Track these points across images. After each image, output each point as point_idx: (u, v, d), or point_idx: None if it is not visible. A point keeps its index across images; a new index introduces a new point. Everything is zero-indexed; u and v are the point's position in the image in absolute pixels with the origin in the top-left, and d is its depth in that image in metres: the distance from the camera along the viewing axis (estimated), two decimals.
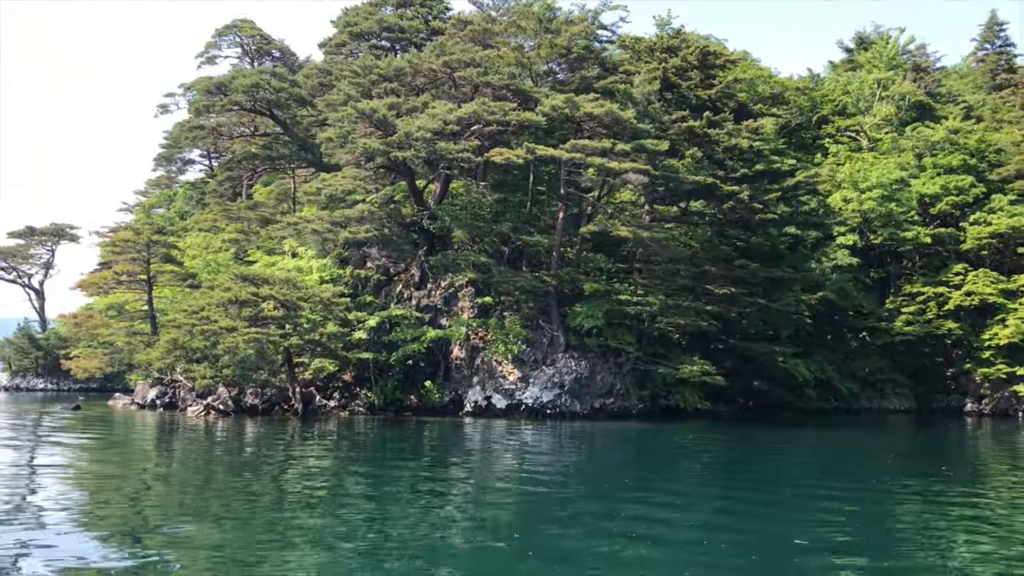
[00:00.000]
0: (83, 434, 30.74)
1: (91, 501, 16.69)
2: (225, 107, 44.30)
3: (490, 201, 42.34)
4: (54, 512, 15.12)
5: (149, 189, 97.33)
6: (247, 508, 15.66)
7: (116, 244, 43.53)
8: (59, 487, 18.23)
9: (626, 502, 16.46)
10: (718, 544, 13.40)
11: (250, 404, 39.76)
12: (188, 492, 17.86)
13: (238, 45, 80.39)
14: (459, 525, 14.47)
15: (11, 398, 63.05)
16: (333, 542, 12.99)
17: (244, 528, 13.89)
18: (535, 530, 14.08)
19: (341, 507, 16.00)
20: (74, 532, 13.80)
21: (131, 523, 14.15)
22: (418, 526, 14.17)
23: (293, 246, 43.39)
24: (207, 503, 16.33)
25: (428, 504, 16.34)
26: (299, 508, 16.14)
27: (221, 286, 33.06)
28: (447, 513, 15.47)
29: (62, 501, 16.36)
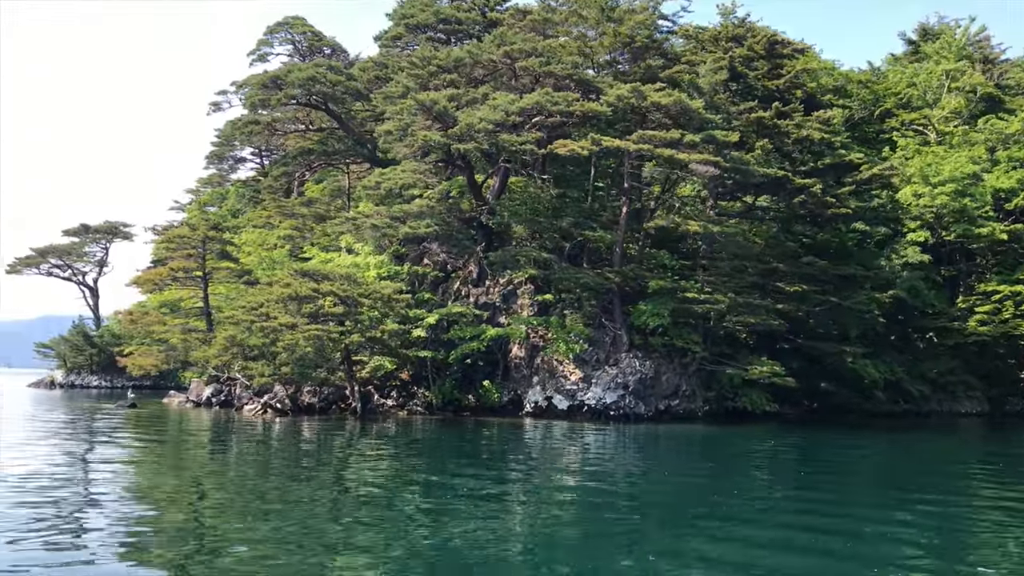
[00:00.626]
0: (140, 432, 30.15)
1: (148, 503, 15.82)
2: (281, 101, 43.66)
3: (549, 196, 41.13)
4: (112, 516, 14.25)
5: (201, 187, 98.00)
6: (302, 512, 14.74)
7: (172, 240, 43.12)
8: (116, 488, 17.43)
9: (706, 519, 15.03)
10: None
11: (307, 403, 39.02)
12: (246, 493, 16.97)
13: (289, 42, 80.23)
14: (519, 537, 13.34)
15: (66, 395, 63.38)
16: (386, 550, 12.04)
17: (297, 533, 12.98)
18: (600, 547, 12.86)
19: (397, 513, 15.04)
20: (129, 531, 13.00)
21: (185, 530, 13.30)
22: (477, 534, 13.16)
23: (349, 242, 42.61)
24: (265, 504, 15.44)
25: (488, 512, 15.23)
26: (355, 512, 15.25)
27: (280, 282, 32.28)
28: (507, 523, 14.33)
29: (118, 504, 15.52)
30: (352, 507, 15.69)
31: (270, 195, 53.05)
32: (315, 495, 16.70)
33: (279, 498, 16.06)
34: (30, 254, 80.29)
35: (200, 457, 23.29)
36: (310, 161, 47.31)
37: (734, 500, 17.25)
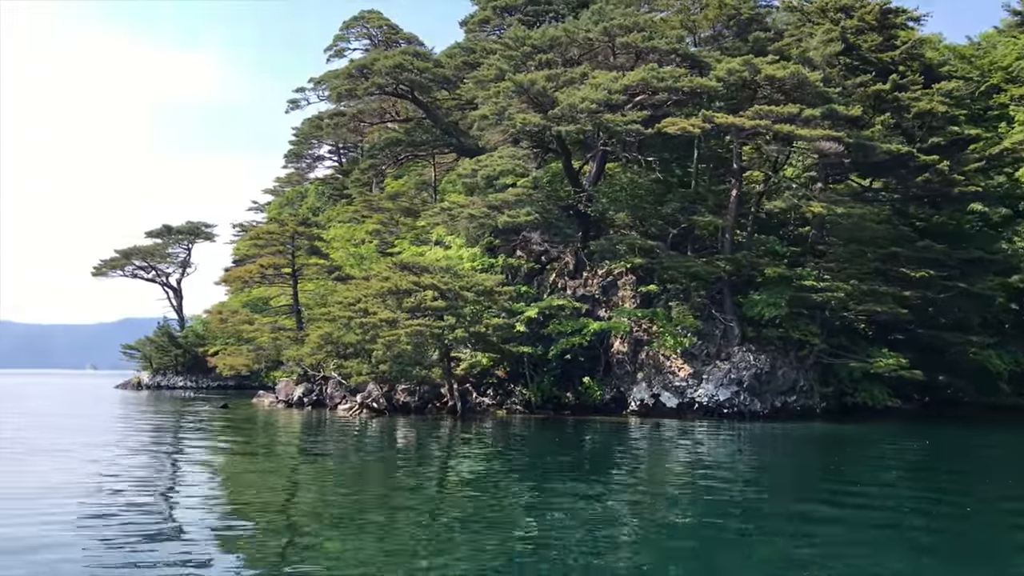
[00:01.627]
0: (238, 434, 28.88)
1: (253, 507, 14.36)
2: (367, 91, 42.23)
3: (650, 181, 38.80)
4: (219, 523, 12.71)
5: (279, 187, 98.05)
6: (406, 517, 13.35)
7: (260, 237, 42.06)
8: (219, 492, 15.94)
9: (859, 546, 12.61)
10: None
11: (402, 402, 37.48)
12: (353, 495, 15.48)
13: (366, 36, 79.21)
14: (628, 547, 11.74)
15: (153, 396, 63.32)
16: (487, 559, 10.94)
17: (400, 538, 12.10)
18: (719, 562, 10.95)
19: (499, 518, 13.61)
20: (230, 537, 11.52)
21: (278, 531, 12.08)
22: (584, 543, 11.68)
23: (441, 235, 40.98)
24: (369, 510, 14.08)
25: (596, 518, 13.55)
26: (457, 515, 13.90)
27: (378, 276, 30.69)
28: (616, 531, 12.65)
29: (221, 510, 14.03)
30: (454, 510, 14.48)
31: (357, 189, 51.76)
32: (417, 496, 15.72)
33: (383, 503, 14.69)
34: (114, 256, 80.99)
35: (302, 459, 21.79)
36: (396, 153, 45.82)
37: (928, 518, 14.81)
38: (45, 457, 20.93)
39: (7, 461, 20.14)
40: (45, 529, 12.14)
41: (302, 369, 44.54)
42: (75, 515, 13.05)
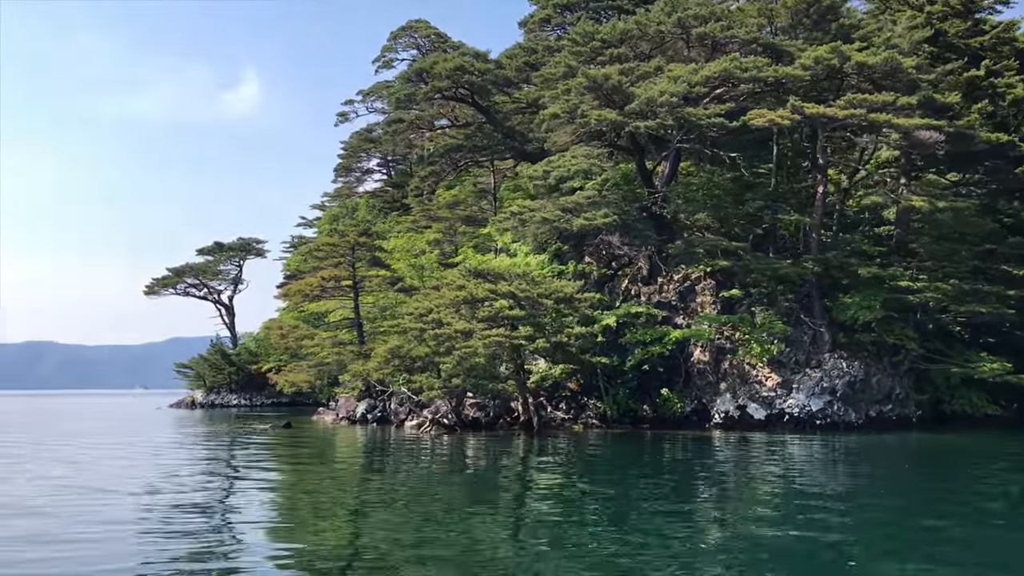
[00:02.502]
0: (306, 454, 27.34)
1: (328, 532, 12.81)
2: (427, 96, 40.73)
3: (727, 179, 36.73)
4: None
5: (327, 202, 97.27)
6: (487, 538, 11.91)
7: (320, 249, 40.68)
8: (292, 515, 14.31)
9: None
10: None
11: (471, 417, 35.73)
12: (436, 520, 13.82)
13: (414, 46, 78.21)
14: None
15: (207, 415, 62.32)
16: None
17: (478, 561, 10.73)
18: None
19: (575, 546, 12.10)
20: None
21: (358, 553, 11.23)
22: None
23: (506, 242, 39.26)
24: (447, 529, 12.55)
25: (681, 551, 11.62)
26: (539, 540, 12.52)
27: (451, 284, 29.01)
28: (710, 560, 10.76)
29: (293, 534, 12.41)
30: (536, 534, 13.00)
31: (415, 198, 50.31)
32: (500, 519, 14.25)
33: (463, 530, 12.90)
34: (166, 275, 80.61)
35: (375, 478, 20.10)
36: (456, 159, 44.28)
37: None
38: (126, 482, 19.47)
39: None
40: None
41: (364, 385, 43.07)
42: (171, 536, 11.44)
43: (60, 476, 20.55)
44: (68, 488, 17.99)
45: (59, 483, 19.02)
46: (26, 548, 11.83)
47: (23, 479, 20.00)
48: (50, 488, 18.06)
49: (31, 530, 13.09)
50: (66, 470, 22.06)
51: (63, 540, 12.37)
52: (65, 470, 22.06)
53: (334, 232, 40.40)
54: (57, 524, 13.70)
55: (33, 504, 15.87)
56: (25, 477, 20.36)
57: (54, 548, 11.81)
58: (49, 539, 12.44)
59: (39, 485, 18.88)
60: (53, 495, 16.94)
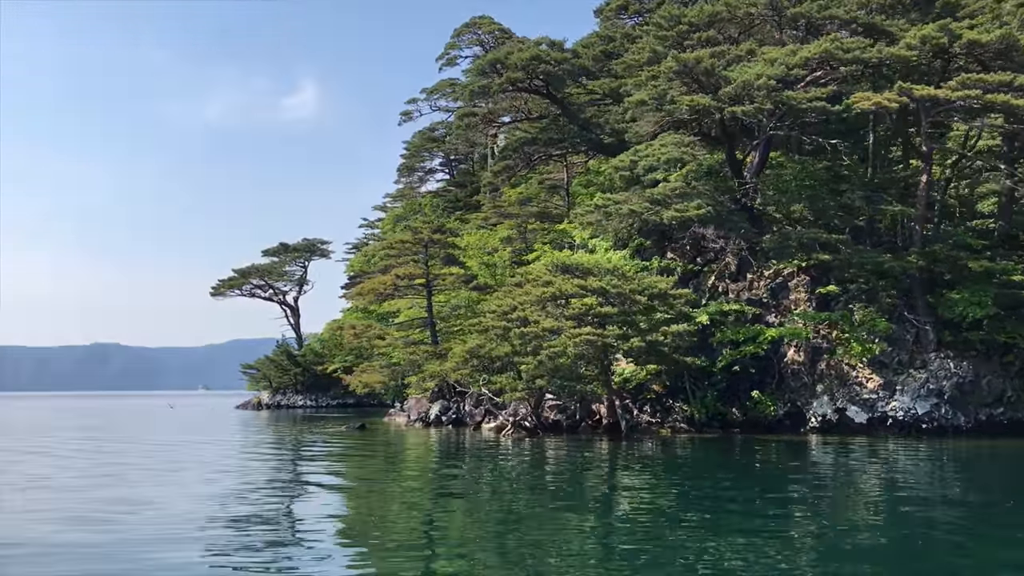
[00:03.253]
0: (386, 458, 26.19)
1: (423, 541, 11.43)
2: (501, 87, 39.40)
3: (822, 168, 34.72)
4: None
5: (388, 203, 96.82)
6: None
7: (393, 247, 39.63)
8: (382, 523, 13.01)
9: None
10: None
11: (552, 420, 34.30)
12: (537, 530, 12.41)
13: (477, 43, 77.22)
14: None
15: (276, 416, 61.89)
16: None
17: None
18: None
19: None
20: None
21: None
22: None
23: (583, 237, 37.75)
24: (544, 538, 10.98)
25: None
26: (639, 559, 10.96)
27: (537, 280, 27.61)
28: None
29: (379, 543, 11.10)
30: (635, 551, 11.44)
31: (486, 195, 49.04)
32: (602, 537, 12.87)
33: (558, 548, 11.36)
34: (232, 276, 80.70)
35: (460, 483, 18.74)
36: (529, 154, 42.90)
37: None
38: (214, 489, 18.45)
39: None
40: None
41: (436, 386, 41.95)
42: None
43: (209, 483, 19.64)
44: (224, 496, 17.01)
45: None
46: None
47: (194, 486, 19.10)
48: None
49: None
50: (219, 475, 21.20)
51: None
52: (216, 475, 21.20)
53: (407, 229, 39.29)
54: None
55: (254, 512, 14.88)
56: (198, 491, 19.37)
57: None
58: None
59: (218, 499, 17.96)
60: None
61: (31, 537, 12.54)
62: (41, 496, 17.23)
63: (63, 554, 11.33)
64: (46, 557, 11.13)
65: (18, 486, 18.85)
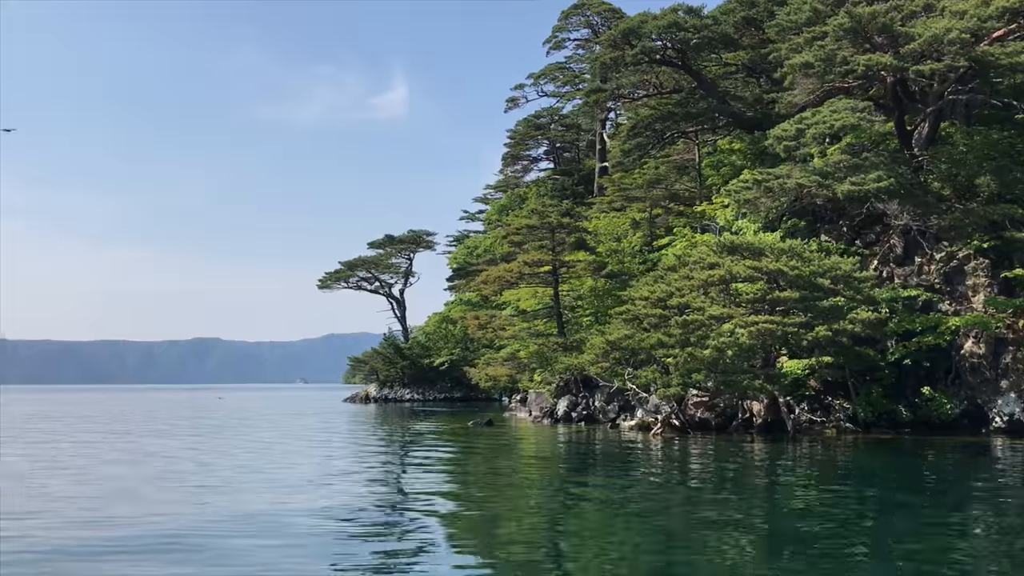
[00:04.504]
0: (532, 459, 23.78)
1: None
2: (635, 58, 36.56)
3: (1006, 137, 30.84)
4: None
5: (489, 194, 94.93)
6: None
7: (518, 232, 37.29)
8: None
9: None
10: None
11: (699, 418, 31.40)
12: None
13: (586, 25, 74.55)
14: None
15: (381, 410, 60.52)
16: None
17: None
18: None
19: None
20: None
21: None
22: None
23: (728, 219, 34.67)
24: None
25: None
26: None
27: (701, 262, 24.80)
28: None
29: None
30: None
31: (609, 178, 46.26)
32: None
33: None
34: (339, 268, 79.96)
35: (667, 494, 16.08)
36: (661, 131, 39.96)
37: None
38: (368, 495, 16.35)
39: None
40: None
41: (562, 380, 39.54)
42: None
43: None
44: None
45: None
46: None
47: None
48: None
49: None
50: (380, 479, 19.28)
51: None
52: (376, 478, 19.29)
53: (534, 213, 36.90)
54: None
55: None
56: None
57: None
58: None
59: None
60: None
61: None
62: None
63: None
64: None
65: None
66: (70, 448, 26.57)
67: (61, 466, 20.94)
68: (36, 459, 22.80)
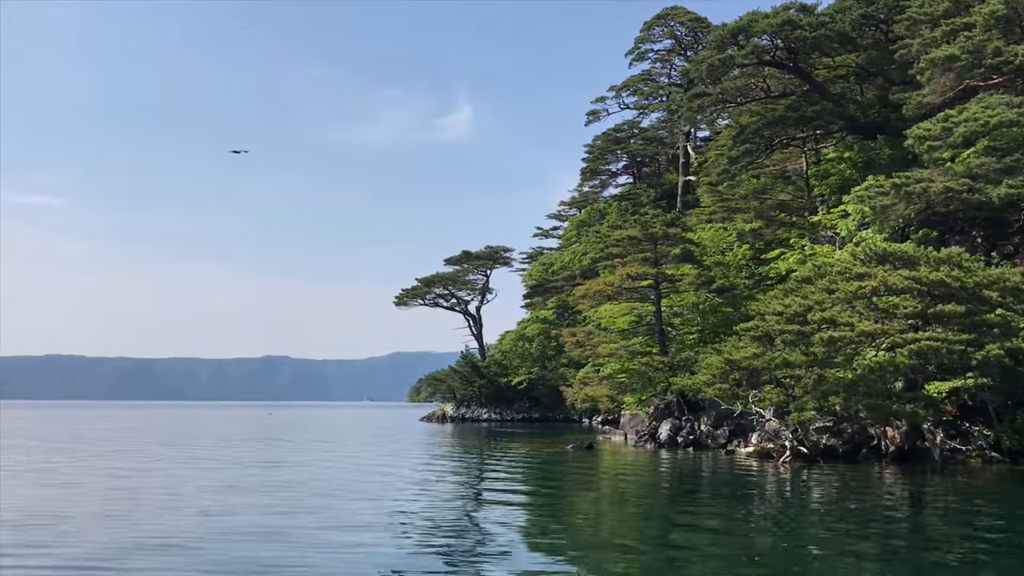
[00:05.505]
0: (698, 494, 21.61)
1: None
2: (745, 57, 34.36)
3: None
4: None
5: (564, 211, 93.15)
6: None
7: (617, 244, 35.21)
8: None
9: None
10: None
11: (824, 445, 28.82)
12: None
13: (669, 36, 72.60)
14: None
15: (462, 430, 58.79)
16: None
17: None
18: None
19: None
20: None
21: None
22: None
23: (850, 229, 32.12)
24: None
25: None
26: None
27: (846, 273, 22.42)
28: None
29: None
30: None
31: (708, 183, 43.94)
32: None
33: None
34: (416, 285, 78.81)
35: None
36: (769, 137, 37.59)
37: None
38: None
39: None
40: None
41: (663, 402, 37.27)
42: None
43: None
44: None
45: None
46: None
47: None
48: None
49: None
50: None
51: None
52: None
53: (636, 223, 34.79)
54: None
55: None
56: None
57: None
58: None
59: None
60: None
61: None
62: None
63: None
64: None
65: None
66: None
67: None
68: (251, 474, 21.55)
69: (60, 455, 30.90)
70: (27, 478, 22.36)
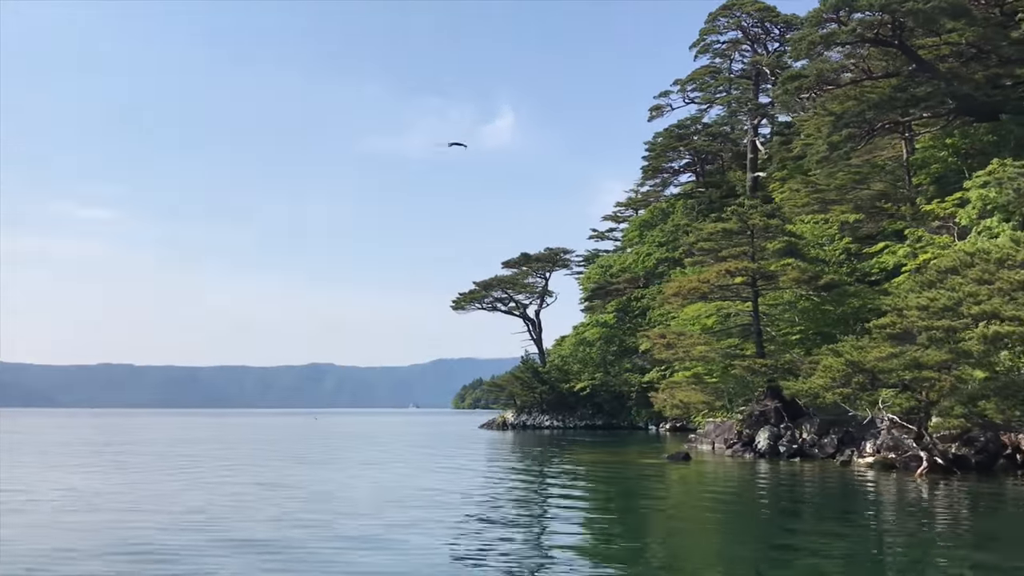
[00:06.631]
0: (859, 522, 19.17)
1: None
2: (850, 34, 31.67)
3: None
4: None
5: (619, 212, 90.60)
6: None
7: (710, 238, 32.68)
8: None
9: None
10: None
11: (954, 455, 26.03)
12: None
13: (736, 27, 69.77)
14: None
15: (526, 438, 56.52)
16: None
17: None
18: None
19: None
20: None
21: None
22: None
23: (971, 217, 29.29)
24: None
25: None
26: None
27: (1007, 261, 19.80)
28: None
29: None
30: None
31: (806, 171, 41.10)
32: None
33: None
34: (474, 289, 76.73)
35: None
36: (871, 120, 34.71)
37: None
38: None
39: None
40: None
41: (758, 409, 34.65)
42: None
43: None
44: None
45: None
46: None
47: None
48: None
49: None
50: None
51: None
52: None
53: (732, 215, 32.23)
54: None
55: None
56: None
57: None
58: None
59: None
60: None
61: None
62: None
63: None
64: None
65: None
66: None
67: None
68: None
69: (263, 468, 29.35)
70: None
